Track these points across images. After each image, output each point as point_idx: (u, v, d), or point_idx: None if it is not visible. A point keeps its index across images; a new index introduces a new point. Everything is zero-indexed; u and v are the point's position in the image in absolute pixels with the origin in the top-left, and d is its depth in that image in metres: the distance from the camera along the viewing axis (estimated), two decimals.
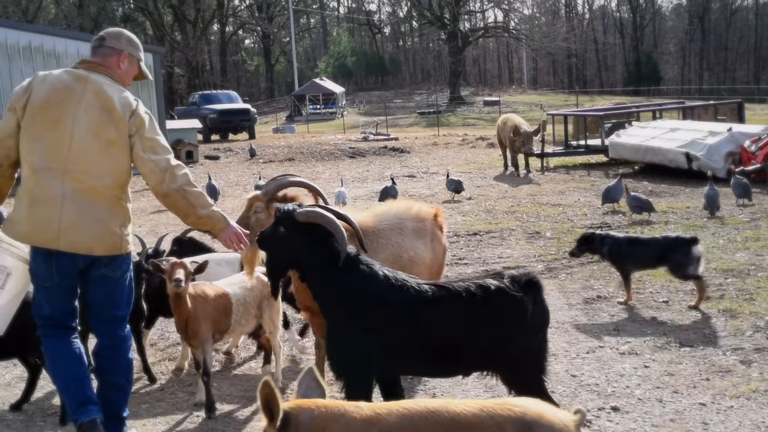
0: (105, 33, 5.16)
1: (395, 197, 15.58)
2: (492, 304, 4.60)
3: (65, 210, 4.73)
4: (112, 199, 4.86)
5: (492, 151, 26.32)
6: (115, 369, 5.13)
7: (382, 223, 6.19)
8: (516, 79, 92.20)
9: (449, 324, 4.63)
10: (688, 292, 8.62)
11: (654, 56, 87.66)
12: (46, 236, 4.75)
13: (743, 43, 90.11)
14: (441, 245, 6.50)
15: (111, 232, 4.83)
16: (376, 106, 65.84)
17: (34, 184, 4.79)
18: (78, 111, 4.79)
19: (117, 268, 4.97)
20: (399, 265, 5.92)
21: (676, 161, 17.66)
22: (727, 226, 12.17)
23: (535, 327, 4.72)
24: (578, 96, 53.31)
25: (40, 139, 4.79)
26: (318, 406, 3.01)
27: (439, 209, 6.63)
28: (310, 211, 4.82)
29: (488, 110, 60.89)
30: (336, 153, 26.97)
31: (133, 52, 5.10)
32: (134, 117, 4.84)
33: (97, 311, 5.10)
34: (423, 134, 37.69)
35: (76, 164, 4.76)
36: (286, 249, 4.84)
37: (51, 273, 4.87)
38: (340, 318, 4.75)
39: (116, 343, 5.11)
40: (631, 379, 6.29)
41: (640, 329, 7.55)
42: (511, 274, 4.78)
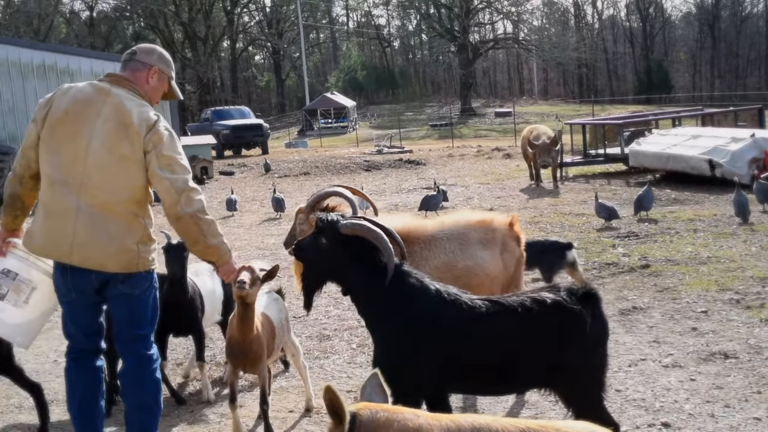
0: (137, 47, 4.99)
1: (436, 206, 15.52)
2: (549, 318, 4.38)
3: (79, 224, 4.56)
4: (128, 216, 4.66)
5: (509, 161, 26.16)
6: (142, 390, 4.91)
7: (442, 231, 6.07)
8: (527, 90, 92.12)
9: (504, 340, 4.42)
10: (727, 301, 8.39)
11: (665, 64, 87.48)
12: (60, 250, 4.61)
13: (754, 50, 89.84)
14: (514, 257, 6.23)
15: (126, 249, 4.63)
16: (387, 120, 65.85)
17: (50, 196, 4.65)
18: (96, 124, 4.61)
19: (136, 286, 4.75)
20: (452, 274, 5.82)
21: (699, 168, 17.41)
22: (758, 233, 11.92)
23: (594, 341, 4.48)
24: (589, 106, 53.09)
25: (57, 152, 4.64)
26: (380, 410, 2.95)
27: (515, 218, 6.37)
28: (356, 224, 4.62)
29: (500, 121, 60.88)
30: (351, 166, 26.80)
31: (164, 68, 4.92)
32: (152, 133, 4.59)
33: (119, 330, 4.90)
34: (436, 146, 37.57)
35: (91, 179, 4.58)
36: (327, 261, 4.66)
37: (68, 289, 4.73)
38: (387, 334, 4.56)
39: (142, 362, 4.90)
40: (678, 394, 6.05)
41: (681, 340, 7.31)
42: (567, 287, 4.54)
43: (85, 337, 4.91)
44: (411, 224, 6.16)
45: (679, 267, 10.07)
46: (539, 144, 18.77)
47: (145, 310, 4.87)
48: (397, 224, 5.96)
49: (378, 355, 4.60)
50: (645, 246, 11.51)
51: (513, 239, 6.23)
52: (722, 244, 11.26)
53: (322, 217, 4.70)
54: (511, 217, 6.32)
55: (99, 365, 5.04)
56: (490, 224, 6.20)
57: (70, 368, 4.97)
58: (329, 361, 7.42)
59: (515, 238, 6.25)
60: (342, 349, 7.74)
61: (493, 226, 6.19)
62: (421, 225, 6.19)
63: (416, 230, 6.07)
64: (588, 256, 11.09)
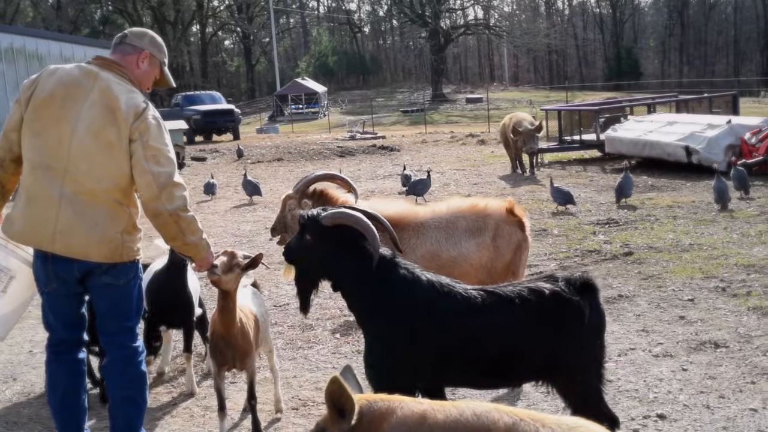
0: (128, 31, 4.79)
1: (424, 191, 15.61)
2: (547, 309, 4.24)
3: (62, 212, 4.38)
4: (113, 204, 4.46)
5: (483, 148, 26.06)
6: (128, 382, 4.74)
7: (433, 219, 5.96)
8: (497, 77, 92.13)
9: (500, 332, 4.28)
10: (713, 289, 8.33)
11: (634, 51, 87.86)
12: (41, 237, 4.42)
13: (722, 37, 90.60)
14: (512, 242, 6.07)
15: (109, 238, 4.45)
16: (358, 105, 65.58)
17: (31, 181, 4.46)
18: (82, 108, 4.42)
19: (120, 276, 4.57)
20: (437, 264, 5.73)
21: (676, 155, 17.40)
22: (738, 219, 11.90)
23: (592, 333, 4.35)
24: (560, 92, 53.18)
25: (41, 135, 4.44)
26: (380, 399, 2.92)
27: (511, 203, 6.21)
28: (336, 212, 4.48)
29: (471, 108, 60.85)
30: (325, 152, 26.60)
31: (156, 53, 4.72)
32: (139, 121, 4.40)
33: (103, 322, 4.72)
34: (408, 132, 37.38)
35: (76, 165, 4.39)
36: (316, 258, 4.49)
37: (49, 278, 4.55)
38: (378, 327, 4.42)
39: (128, 354, 4.71)
40: (671, 384, 5.96)
41: (669, 329, 7.22)
42: (565, 277, 4.40)
43: (65, 329, 4.73)
44: (403, 211, 6.05)
45: (662, 254, 10.00)
46: (523, 130, 18.29)
47: (130, 301, 4.69)
48: (390, 210, 5.88)
49: (369, 350, 4.47)
50: (626, 233, 11.44)
51: (510, 224, 6.07)
52: (703, 231, 11.22)
53: (303, 214, 4.56)
54: (507, 202, 6.18)
55: (81, 358, 4.87)
56: (482, 211, 6.07)
57: (51, 361, 4.79)
58: (313, 351, 7.27)
59: (514, 223, 6.10)
60: (325, 338, 7.59)
61: (486, 212, 6.06)
62: (413, 212, 6.07)
63: (408, 217, 5.96)
64: (569, 243, 11.01)
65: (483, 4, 77.75)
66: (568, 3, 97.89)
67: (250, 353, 5.28)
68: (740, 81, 69.21)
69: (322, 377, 6.57)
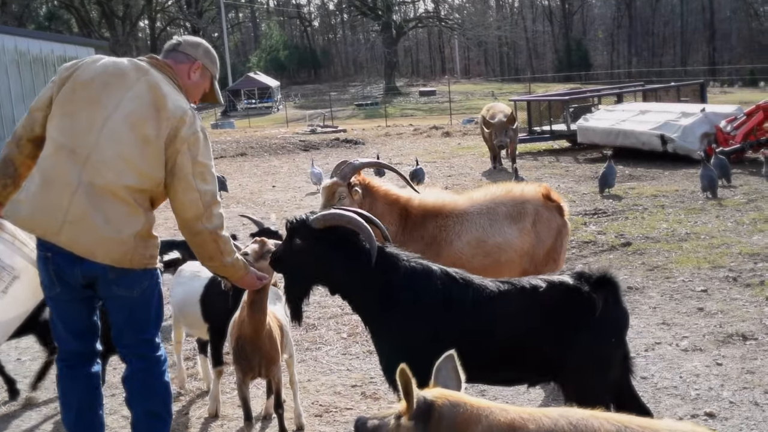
0: (182, 38, 4.46)
1: (423, 178, 15.56)
2: (556, 302, 4.03)
3: (76, 200, 3.95)
4: (131, 203, 4.03)
5: (449, 140, 25.81)
6: (150, 395, 4.33)
7: (473, 206, 5.81)
8: (448, 69, 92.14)
9: (512, 323, 4.06)
10: (723, 279, 8.13)
11: (584, 43, 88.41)
12: (48, 225, 3.98)
13: (669, 28, 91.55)
14: (552, 228, 5.87)
15: (120, 239, 4.00)
16: (311, 100, 65.17)
17: (51, 163, 4.04)
18: (124, 97, 4.06)
19: (133, 285, 4.14)
20: (483, 250, 5.65)
21: (650, 144, 17.28)
22: (727, 208, 11.75)
23: (608, 330, 4.08)
24: (512, 84, 53.27)
25: (72, 116, 4.06)
26: (464, 402, 2.71)
27: (547, 187, 6.02)
28: (326, 214, 4.25)
29: (425, 100, 60.91)
30: (288, 146, 26.12)
31: (209, 65, 4.42)
32: (186, 128, 4.05)
33: (120, 334, 4.31)
34: (368, 125, 37.06)
35: (101, 153, 3.99)
36: (307, 263, 4.24)
37: (51, 281, 4.12)
38: (387, 323, 4.17)
39: (149, 365, 4.31)
40: (710, 380, 5.71)
41: (690, 322, 6.99)
42: (579, 270, 4.16)
43: (76, 339, 4.32)
44: (444, 199, 5.92)
45: (660, 244, 9.80)
46: (495, 122, 17.41)
47: (147, 312, 4.27)
48: (431, 199, 5.73)
49: (381, 348, 4.28)
50: (617, 223, 11.23)
51: (548, 209, 5.88)
52: (696, 220, 11.05)
53: (290, 219, 4.32)
54: (543, 187, 5.95)
55: (95, 371, 4.45)
56: (519, 197, 5.89)
57: (63, 376, 4.38)
58: (322, 352, 6.92)
59: (552, 207, 5.90)
60: (332, 339, 7.24)
61: (524, 198, 5.88)
62: (453, 200, 5.94)
63: (449, 205, 5.85)
64: None
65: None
66: None
67: (277, 359, 4.92)
68: (687, 71, 70.00)
69: (338, 380, 6.25)
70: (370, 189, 5.69)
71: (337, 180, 5.51)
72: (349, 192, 5.51)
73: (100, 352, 4.51)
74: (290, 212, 13.95)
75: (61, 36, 32.87)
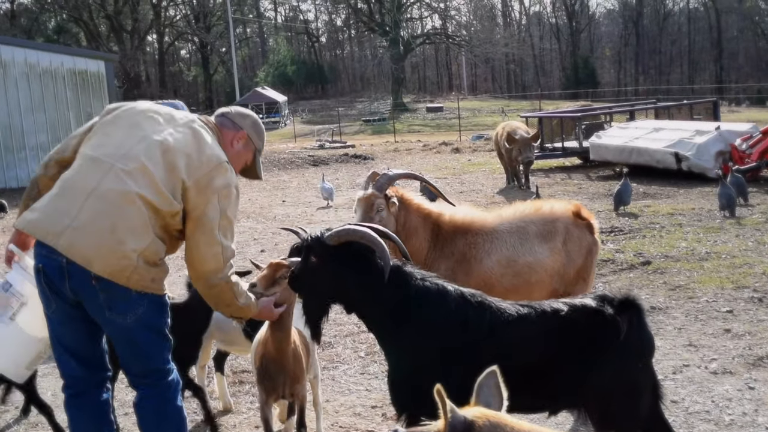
0: (232, 108, 4.42)
1: None
2: (578, 326, 3.86)
3: (86, 205, 3.78)
4: (144, 218, 3.82)
5: (459, 156, 25.67)
6: (162, 421, 4.10)
7: (502, 224, 5.62)
8: (455, 86, 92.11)
9: (526, 349, 3.89)
10: (748, 300, 7.95)
11: (591, 61, 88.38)
12: (50, 228, 3.77)
13: (676, 46, 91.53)
14: (582, 246, 5.70)
15: (122, 253, 3.75)
16: (318, 115, 65.09)
17: (73, 173, 3.92)
18: (165, 130, 4.01)
19: (125, 311, 3.85)
20: (513, 270, 5.47)
21: (665, 162, 17.11)
22: (746, 227, 11.57)
23: (633, 355, 3.91)
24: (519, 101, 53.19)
25: (107, 136, 3.99)
26: (505, 424, 2.49)
27: (578, 205, 5.84)
28: (341, 230, 4.09)
29: (432, 117, 60.80)
30: (297, 161, 26.00)
31: (255, 138, 4.33)
32: (222, 179, 3.95)
33: (126, 363, 4.10)
34: (376, 141, 36.90)
35: (127, 164, 3.85)
36: (324, 280, 4.08)
37: (47, 296, 3.90)
38: (398, 342, 4.02)
39: (160, 391, 4.08)
40: (743, 404, 5.53)
41: (718, 343, 6.81)
42: (601, 293, 4.00)
43: (80, 365, 4.06)
44: (473, 215, 5.74)
45: (681, 263, 9.62)
46: (519, 138, 16.82)
47: (148, 342, 3.99)
48: (459, 215, 5.61)
49: (391, 371, 4.15)
50: (635, 241, 11.05)
51: (579, 228, 5.70)
52: (715, 239, 10.87)
53: (305, 237, 4.22)
54: (573, 205, 5.78)
55: (104, 399, 4.21)
56: (549, 215, 5.70)
57: (70, 405, 4.14)
58: (339, 371, 6.75)
59: (583, 225, 5.73)
60: (349, 357, 7.07)
61: (554, 216, 5.69)
62: (482, 217, 5.76)
63: (477, 222, 5.66)
64: None
65: (441, 13, 77.61)
66: (525, 13, 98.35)
67: (302, 378, 4.74)
68: (694, 90, 69.86)
69: (357, 401, 6.09)
70: (403, 201, 5.53)
71: (375, 192, 5.33)
72: (387, 204, 5.34)
73: (109, 377, 4.29)
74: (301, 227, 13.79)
75: (70, 49, 32.88)
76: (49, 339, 4.17)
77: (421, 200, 5.68)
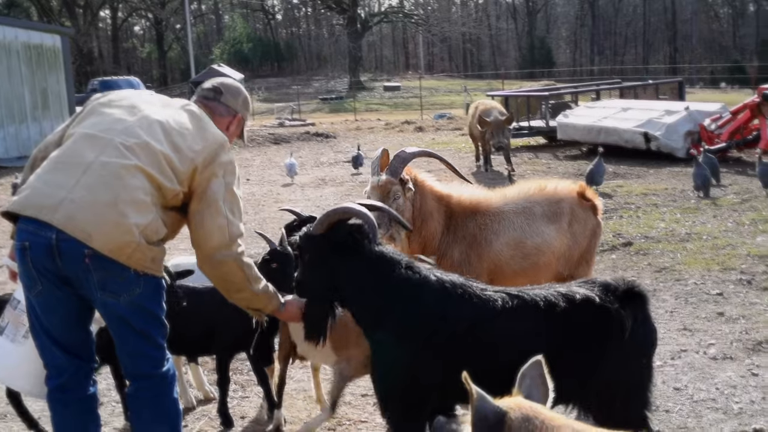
0: (221, 85, 4.16)
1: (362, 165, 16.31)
2: (576, 318, 3.56)
3: (85, 178, 3.49)
4: (146, 192, 3.56)
5: (422, 135, 25.40)
6: (156, 415, 3.81)
7: (507, 204, 5.34)
8: (412, 65, 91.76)
9: (520, 342, 3.55)
10: (737, 282, 7.81)
11: (547, 41, 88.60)
12: (45, 203, 3.47)
13: (631, 28, 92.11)
14: (587, 228, 5.46)
15: (126, 227, 3.46)
16: (275, 93, 64.37)
17: (66, 148, 3.66)
18: (163, 112, 3.82)
19: (119, 291, 3.56)
20: (522, 252, 5.22)
21: (633, 141, 17.00)
22: (722, 207, 11.48)
23: (635, 350, 3.63)
24: (475, 81, 53.03)
25: (101, 115, 3.76)
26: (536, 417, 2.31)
27: (583, 185, 5.59)
28: (323, 215, 3.84)
29: (390, 95, 60.43)
30: (257, 139, 25.49)
31: (245, 114, 4.25)
32: (227, 155, 3.82)
33: (119, 349, 3.79)
34: (333, 119, 36.36)
35: (127, 138, 3.60)
36: (319, 274, 3.82)
37: (31, 276, 3.58)
38: (384, 336, 3.74)
39: (153, 384, 3.79)
40: (749, 392, 5.35)
41: (713, 327, 6.65)
42: (604, 282, 3.70)
43: (64, 354, 3.76)
44: (478, 196, 5.44)
45: (662, 244, 9.47)
46: (492, 121, 15.62)
47: (140, 325, 3.69)
48: (466, 196, 5.32)
49: (374, 364, 3.86)
50: (613, 222, 10.87)
51: (584, 209, 5.46)
52: (694, 220, 10.75)
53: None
54: (578, 185, 5.56)
55: (91, 394, 3.92)
56: (554, 195, 5.46)
57: (54, 399, 3.85)
58: None
59: (587, 207, 5.49)
60: None
61: (558, 196, 5.45)
62: (486, 197, 5.46)
63: (483, 202, 5.39)
64: None
65: None
66: None
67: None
68: (648, 70, 70.42)
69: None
70: (417, 184, 5.17)
71: (390, 178, 4.94)
72: (403, 190, 4.97)
73: (95, 369, 4.01)
74: (267, 207, 13.46)
75: (24, 22, 31.94)
76: None
77: (433, 181, 5.35)
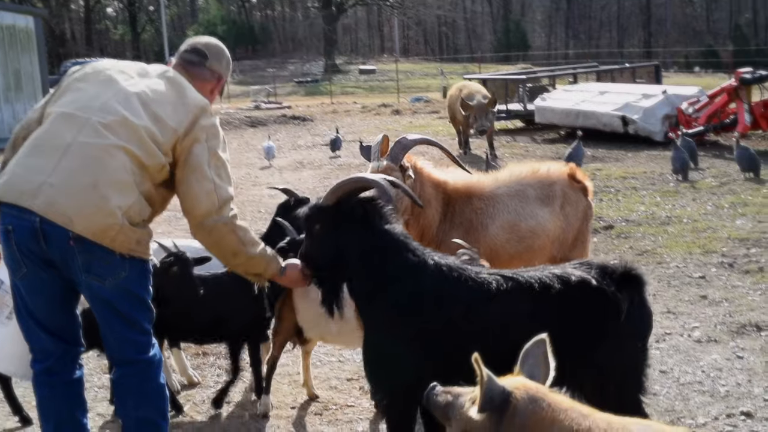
0: (205, 48, 4.04)
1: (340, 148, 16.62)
2: (572, 300, 3.51)
3: (64, 161, 3.42)
4: (128, 173, 3.49)
5: (399, 118, 25.30)
6: (142, 400, 3.74)
7: (500, 188, 5.32)
8: (387, 48, 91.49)
9: (516, 325, 3.48)
10: (719, 265, 7.83)
11: (522, 25, 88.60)
12: (24, 188, 3.41)
13: (606, 12, 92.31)
14: (579, 210, 5.44)
15: (107, 210, 3.40)
16: (249, 76, 63.99)
17: (43, 130, 3.57)
18: (140, 82, 3.72)
19: (104, 274, 3.50)
20: (518, 235, 5.21)
21: (611, 125, 17.04)
22: (701, 191, 11.52)
23: (630, 333, 3.59)
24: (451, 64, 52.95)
25: (77, 91, 3.66)
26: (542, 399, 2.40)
27: (573, 167, 5.57)
28: (335, 186, 3.78)
29: (365, 78, 60.25)
30: (234, 122, 25.27)
31: (227, 75, 4.17)
32: (208, 118, 3.72)
33: (104, 333, 3.71)
34: (309, 102, 36.19)
35: (105, 116, 3.52)
36: (333, 246, 3.74)
37: (16, 259, 3.53)
38: (378, 317, 3.71)
39: (139, 368, 3.71)
40: (735, 375, 5.36)
41: (697, 310, 6.66)
42: (600, 264, 3.66)
43: (50, 337, 3.69)
44: (471, 180, 5.43)
45: (643, 228, 9.49)
46: (474, 104, 15.35)
47: (126, 309, 3.62)
48: (460, 181, 5.30)
49: (366, 346, 3.79)
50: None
51: (575, 191, 5.44)
52: (673, 204, 10.78)
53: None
54: (568, 167, 5.53)
55: (77, 378, 3.86)
56: (546, 177, 5.44)
57: (39, 383, 3.78)
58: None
59: (578, 189, 5.46)
60: None
61: (551, 179, 5.42)
62: (479, 180, 5.45)
63: (475, 186, 5.37)
64: None
65: None
66: None
67: None
68: (623, 54, 70.66)
69: (331, 373, 5.81)
70: (416, 172, 5.10)
71: (390, 164, 4.87)
72: (403, 177, 4.89)
73: (81, 352, 3.92)
74: (246, 190, 13.36)
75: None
76: None
77: (431, 168, 5.30)
